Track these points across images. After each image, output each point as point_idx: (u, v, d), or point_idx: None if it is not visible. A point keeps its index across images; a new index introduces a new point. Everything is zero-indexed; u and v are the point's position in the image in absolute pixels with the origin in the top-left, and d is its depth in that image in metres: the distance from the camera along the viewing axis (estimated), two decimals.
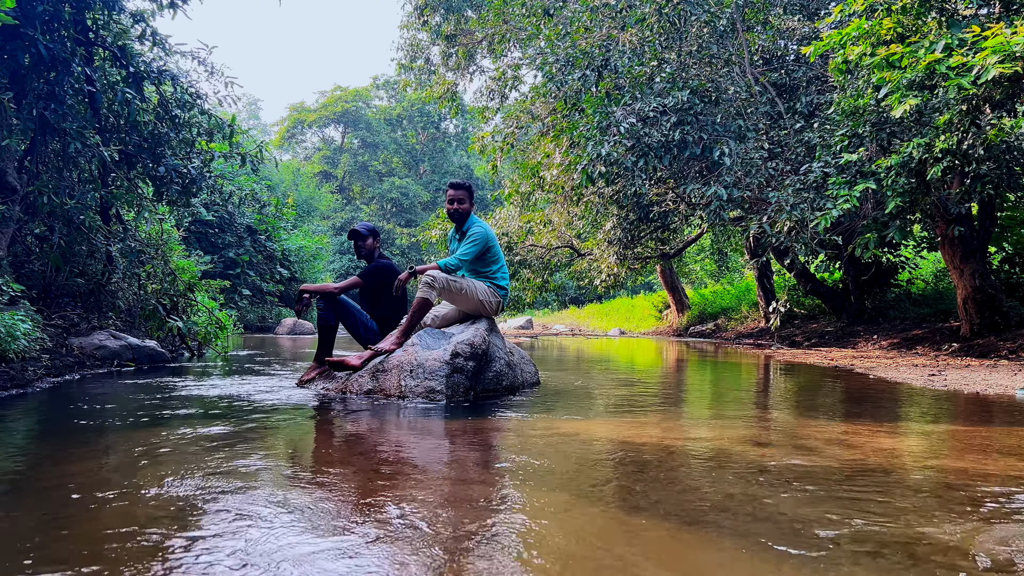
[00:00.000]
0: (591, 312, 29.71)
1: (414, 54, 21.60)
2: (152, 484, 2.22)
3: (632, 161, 8.60)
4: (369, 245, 5.28)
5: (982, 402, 4.73)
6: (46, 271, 6.65)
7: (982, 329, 9.36)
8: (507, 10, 13.99)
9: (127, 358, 6.40)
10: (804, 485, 2.33)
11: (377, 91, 51.71)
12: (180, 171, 7.18)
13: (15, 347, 4.81)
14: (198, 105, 7.47)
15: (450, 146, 49.94)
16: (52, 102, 6.06)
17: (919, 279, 13.93)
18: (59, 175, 6.48)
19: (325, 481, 2.33)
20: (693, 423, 3.83)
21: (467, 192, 4.93)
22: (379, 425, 3.48)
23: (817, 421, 3.82)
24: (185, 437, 3.06)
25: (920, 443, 3.25)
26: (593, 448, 2.98)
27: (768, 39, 9.86)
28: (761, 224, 8.21)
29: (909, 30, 6.47)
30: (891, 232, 7.61)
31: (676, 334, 19.66)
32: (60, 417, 3.64)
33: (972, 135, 6.60)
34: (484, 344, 4.59)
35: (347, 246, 39.79)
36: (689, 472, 2.54)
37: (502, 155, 15.79)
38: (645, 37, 9.71)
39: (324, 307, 5.04)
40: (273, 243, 20.98)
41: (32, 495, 2.13)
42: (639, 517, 1.96)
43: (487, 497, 2.14)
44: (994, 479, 2.46)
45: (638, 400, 4.81)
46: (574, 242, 17.09)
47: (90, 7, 6.61)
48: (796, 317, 15.53)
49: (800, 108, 9.27)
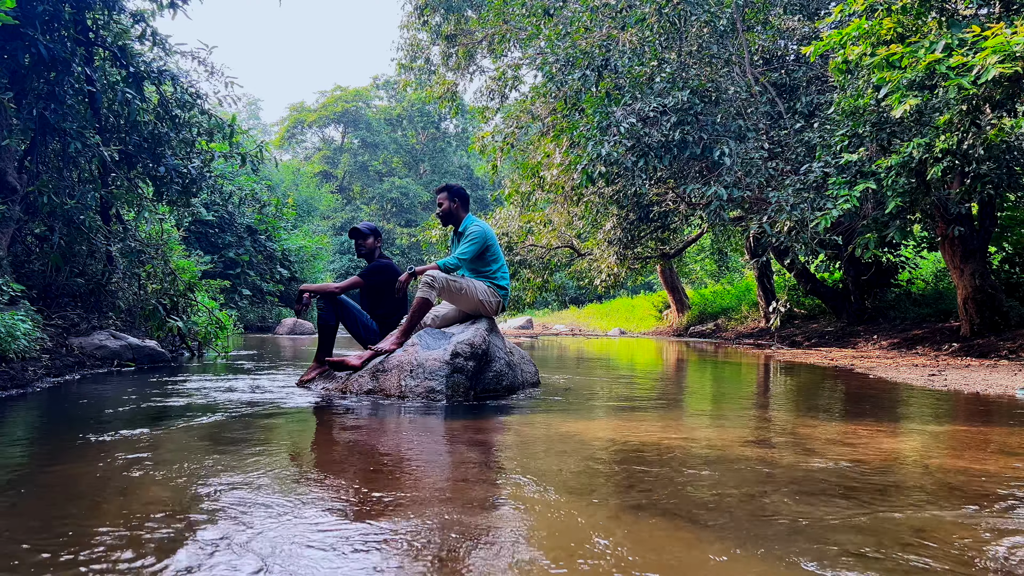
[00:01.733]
0: (591, 312, 29.71)
1: (414, 54, 21.60)
2: (153, 484, 2.22)
3: (632, 161, 8.60)
4: (370, 244, 5.28)
5: (982, 402, 4.74)
6: (46, 271, 6.65)
7: (982, 329, 9.36)
8: (507, 10, 13.99)
9: (127, 358, 6.40)
10: (804, 485, 2.33)
11: (377, 91, 51.72)
12: (180, 171, 7.18)
13: (15, 347, 4.81)
14: (198, 105, 7.47)
15: (450, 146, 49.94)
16: (52, 102, 6.06)
17: (919, 279, 13.93)
18: (59, 175, 6.47)
19: (325, 481, 2.33)
20: (693, 423, 3.83)
21: (447, 193, 4.98)
22: (379, 425, 3.49)
23: (817, 421, 3.82)
24: (185, 437, 3.06)
25: (920, 443, 3.25)
26: (593, 448, 2.98)
27: (768, 39, 9.87)
28: (761, 224, 8.21)
29: (909, 30, 6.47)
30: (891, 232, 7.61)
31: (676, 334, 19.66)
32: (60, 417, 3.64)
33: (972, 135, 6.60)
34: (484, 344, 4.59)
35: (347, 246, 39.80)
36: (689, 472, 2.54)
37: (502, 155, 15.79)
38: (645, 37, 9.71)
39: (324, 307, 5.04)
40: (273, 243, 20.99)
41: (33, 495, 2.13)
42: (639, 516, 1.96)
43: (487, 496, 2.14)
44: (995, 479, 2.46)
45: (638, 400, 4.81)
46: (574, 242, 17.09)
47: (90, 7, 6.61)
48: (796, 317, 15.54)
49: (800, 108, 9.28)
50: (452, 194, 4.98)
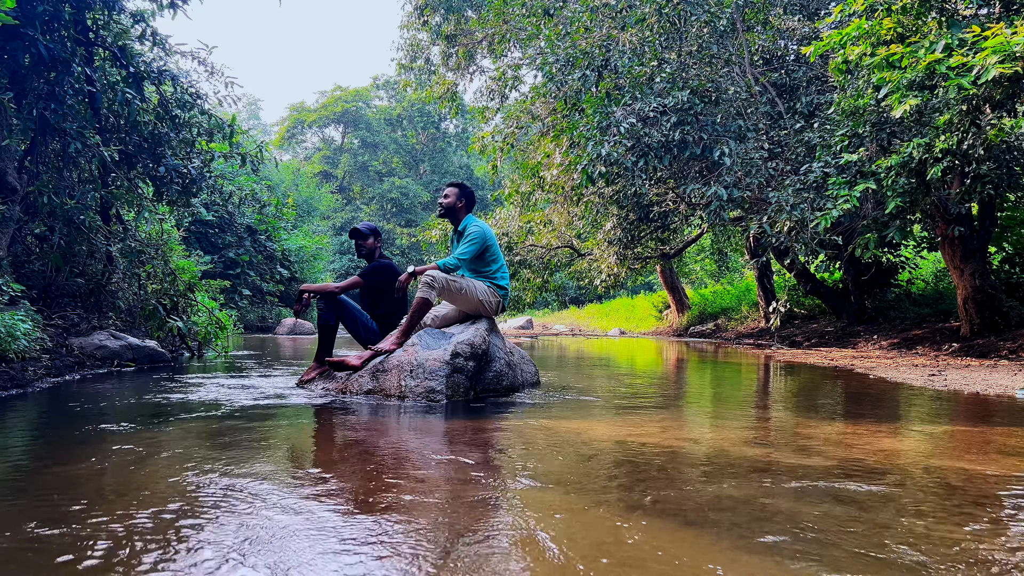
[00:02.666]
0: (591, 312, 29.71)
1: (414, 54, 21.61)
2: (153, 484, 2.22)
3: (632, 161, 8.60)
4: (370, 244, 5.29)
5: (982, 402, 4.73)
6: (46, 271, 6.65)
7: (982, 329, 9.36)
8: (507, 10, 13.99)
9: (127, 358, 6.40)
10: (804, 485, 2.33)
11: (377, 91, 51.72)
12: (180, 171, 7.18)
13: (15, 347, 4.81)
14: (198, 105, 7.47)
15: (450, 146, 49.93)
16: (52, 102, 6.06)
17: (919, 279, 13.93)
18: (59, 175, 6.47)
19: (325, 480, 2.33)
20: (693, 423, 3.83)
21: (457, 189, 5.02)
22: (379, 425, 3.48)
23: (817, 421, 3.82)
24: (185, 437, 3.06)
25: (920, 443, 3.25)
26: (593, 448, 2.98)
27: (768, 39, 9.87)
28: (761, 224, 8.21)
29: (909, 30, 6.47)
30: (891, 232, 7.61)
31: (676, 334, 19.66)
32: (60, 417, 3.64)
33: (972, 135, 6.60)
34: (484, 344, 4.59)
35: (347, 246, 39.80)
36: (689, 472, 2.54)
37: (502, 155, 15.79)
38: (645, 37, 9.71)
39: (324, 307, 5.05)
40: (273, 243, 20.99)
41: (33, 495, 2.13)
42: (639, 516, 1.96)
43: (486, 496, 2.14)
44: (995, 479, 2.46)
45: (638, 400, 4.81)
46: (574, 242, 17.09)
47: (90, 7, 6.61)
48: (796, 317, 15.54)
49: (800, 108, 9.28)
50: (462, 193, 5.02)
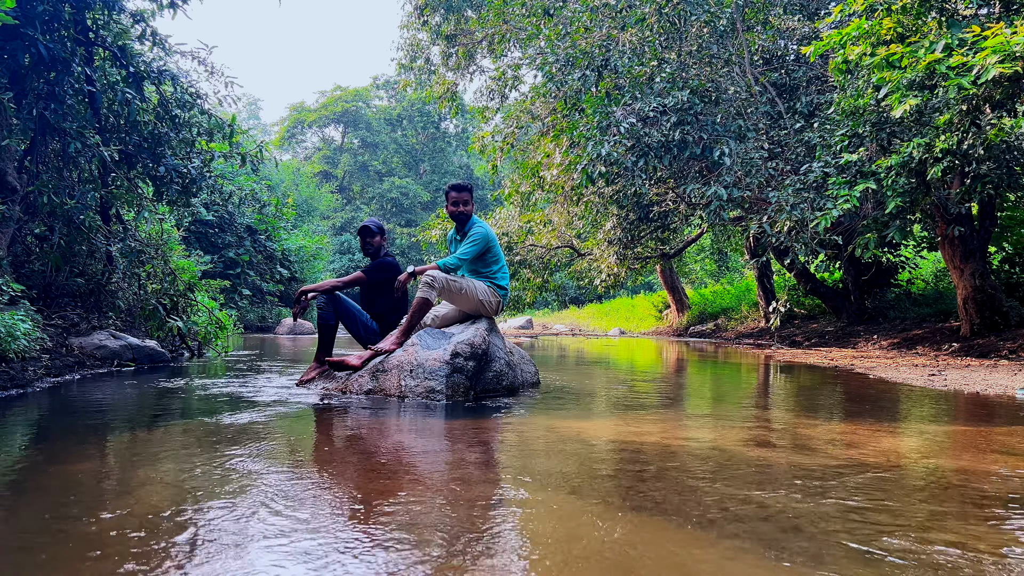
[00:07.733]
0: (591, 312, 29.70)
1: (414, 54, 21.59)
2: (153, 483, 2.22)
3: (632, 161, 8.60)
4: (377, 243, 5.32)
5: (982, 402, 4.73)
6: (46, 271, 6.65)
7: (982, 329, 9.36)
8: (507, 10, 13.98)
9: (127, 358, 6.40)
10: (805, 485, 2.33)
11: (377, 91, 51.72)
12: (180, 171, 7.17)
13: (15, 347, 4.80)
14: (198, 105, 7.46)
15: (450, 146, 49.94)
16: (52, 102, 6.06)
17: (919, 279, 13.94)
18: (59, 175, 6.47)
19: (325, 480, 2.33)
20: (693, 423, 3.83)
21: (470, 194, 5.04)
22: (379, 425, 3.48)
23: (817, 421, 3.82)
24: (185, 436, 3.06)
25: (920, 443, 3.25)
26: (593, 448, 2.98)
27: (768, 39, 9.86)
28: (761, 224, 8.21)
29: (909, 30, 6.47)
30: (891, 232, 7.61)
31: (676, 334, 19.66)
32: (60, 417, 3.64)
33: (972, 135, 6.60)
34: (484, 344, 4.59)
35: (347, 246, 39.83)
36: (690, 472, 2.54)
37: (502, 155, 15.80)
38: (645, 37, 9.71)
39: (325, 306, 5.06)
40: (273, 243, 20.98)
41: (33, 495, 2.13)
42: (639, 517, 1.96)
43: (486, 496, 2.14)
44: (995, 479, 2.46)
45: (638, 400, 4.81)
46: (574, 242, 17.09)
47: (90, 7, 6.61)
48: (796, 317, 15.54)
49: (800, 108, 9.28)
50: (472, 195, 5.05)
